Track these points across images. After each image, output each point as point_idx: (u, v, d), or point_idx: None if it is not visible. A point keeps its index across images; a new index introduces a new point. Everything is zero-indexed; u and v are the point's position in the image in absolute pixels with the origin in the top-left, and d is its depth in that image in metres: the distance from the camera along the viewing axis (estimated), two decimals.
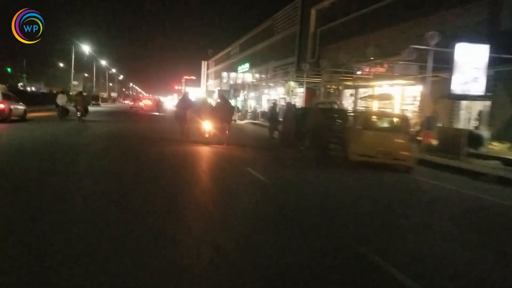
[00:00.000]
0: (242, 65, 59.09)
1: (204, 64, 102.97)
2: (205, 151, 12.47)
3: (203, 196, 6.69)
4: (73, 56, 57.73)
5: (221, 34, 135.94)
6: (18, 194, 5.85)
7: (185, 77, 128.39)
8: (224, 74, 54.53)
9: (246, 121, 34.25)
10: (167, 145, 12.80)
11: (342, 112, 14.27)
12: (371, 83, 23.79)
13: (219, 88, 57.26)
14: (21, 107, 20.01)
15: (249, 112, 35.46)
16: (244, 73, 55.08)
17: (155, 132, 17.76)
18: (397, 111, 21.73)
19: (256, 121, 32.94)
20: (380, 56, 20.88)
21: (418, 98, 20.56)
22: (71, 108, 23.01)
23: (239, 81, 53.71)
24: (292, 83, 25.37)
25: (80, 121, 20.76)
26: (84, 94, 27.33)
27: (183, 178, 8.15)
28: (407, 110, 21.29)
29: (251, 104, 39.53)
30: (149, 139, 14.45)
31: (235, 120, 32.60)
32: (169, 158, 10.53)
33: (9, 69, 65.95)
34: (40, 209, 5.11)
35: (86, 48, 62.39)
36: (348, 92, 30.06)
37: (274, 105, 17.65)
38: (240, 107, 37.40)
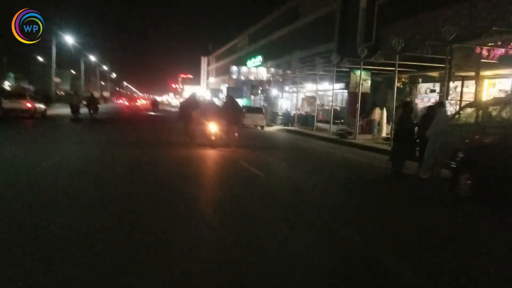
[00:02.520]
0: (253, 59, 50.45)
1: (204, 60, 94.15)
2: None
3: None
4: (53, 49, 48.68)
5: (224, 26, 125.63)
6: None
7: (182, 75, 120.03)
8: (234, 68, 45.81)
9: (276, 127, 25.64)
10: (173, 148, 11.57)
11: None
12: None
13: (227, 85, 48.67)
14: (42, 106, 22.74)
15: (280, 116, 26.76)
16: (257, 67, 46.50)
17: (157, 134, 16.79)
18: None
19: (291, 128, 24.32)
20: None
21: None
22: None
23: (251, 77, 45.22)
24: (363, 73, 16.86)
25: (92, 118, 22.54)
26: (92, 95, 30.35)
27: None
28: None
29: (281, 105, 30.66)
30: (152, 142, 13.32)
31: (262, 127, 24.12)
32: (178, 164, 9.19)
33: None
34: None
35: (70, 40, 53.25)
36: (423, 87, 21.84)
37: (433, 108, 8.38)
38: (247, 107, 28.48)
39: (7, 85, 63.39)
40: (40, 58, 58.68)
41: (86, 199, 5.39)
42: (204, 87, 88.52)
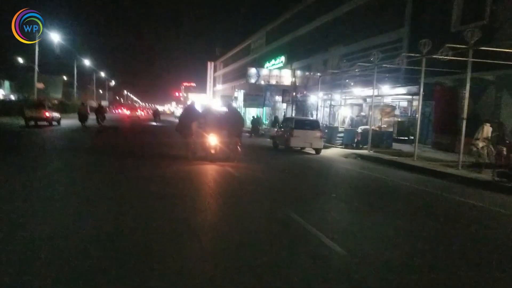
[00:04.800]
0: (273, 60, 42.48)
1: (210, 65, 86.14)
2: None
3: None
4: (36, 49, 40.29)
5: (234, 25, 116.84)
6: None
7: (185, 84, 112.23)
8: (252, 70, 37.78)
9: (335, 149, 17.30)
10: (170, 163, 10.79)
11: None
12: None
13: (243, 91, 40.49)
14: (57, 114, 25.76)
15: (341, 131, 18.24)
16: (280, 70, 38.43)
17: (158, 147, 15.74)
18: None
19: (363, 152, 16.02)
20: None
21: None
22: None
23: (272, 81, 37.12)
24: None
25: (100, 127, 25.95)
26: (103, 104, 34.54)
27: None
28: None
29: (339, 116, 21.61)
30: (154, 156, 12.67)
31: (318, 150, 15.83)
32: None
33: None
34: None
35: (59, 39, 44.86)
36: None
37: None
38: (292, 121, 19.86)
39: (0, 94, 55.97)
40: (21, 61, 50.23)
41: None
42: (211, 95, 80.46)
